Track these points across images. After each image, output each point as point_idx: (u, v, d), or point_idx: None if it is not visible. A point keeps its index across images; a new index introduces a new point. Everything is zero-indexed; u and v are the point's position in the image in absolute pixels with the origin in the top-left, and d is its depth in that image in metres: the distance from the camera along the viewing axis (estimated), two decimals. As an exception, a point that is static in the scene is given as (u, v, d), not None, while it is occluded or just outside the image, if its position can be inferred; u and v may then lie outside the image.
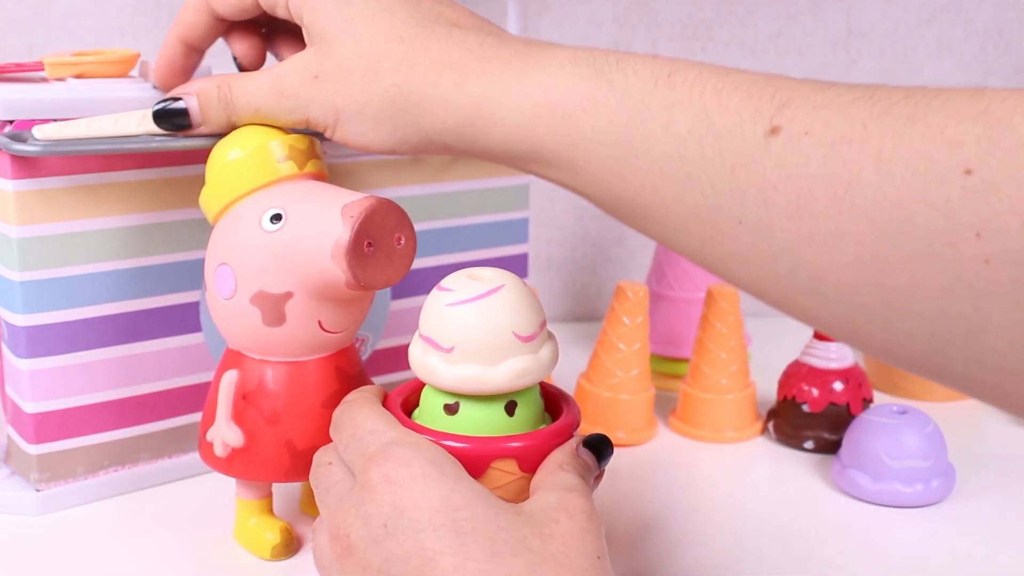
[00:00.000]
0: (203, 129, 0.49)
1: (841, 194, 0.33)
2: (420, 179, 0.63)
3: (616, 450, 0.63)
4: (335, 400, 0.48)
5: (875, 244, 0.32)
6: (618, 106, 0.39)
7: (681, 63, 0.39)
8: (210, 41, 0.51)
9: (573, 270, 0.93)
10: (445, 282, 0.42)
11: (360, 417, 0.42)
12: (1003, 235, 0.29)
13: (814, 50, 0.92)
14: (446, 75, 0.43)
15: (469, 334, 0.41)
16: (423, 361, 0.42)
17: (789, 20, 0.91)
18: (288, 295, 0.46)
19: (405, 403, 0.44)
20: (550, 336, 0.43)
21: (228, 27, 0.51)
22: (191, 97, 0.49)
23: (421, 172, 0.63)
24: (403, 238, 0.46)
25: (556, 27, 0.87)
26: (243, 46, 0.52)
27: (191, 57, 0.52)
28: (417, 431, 0.41)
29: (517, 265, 0.69)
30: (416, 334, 0.43)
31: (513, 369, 0.41)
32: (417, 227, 0.63)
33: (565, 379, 0.70)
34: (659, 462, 0.64)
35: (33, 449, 0.54)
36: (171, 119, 0.49)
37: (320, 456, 0.43)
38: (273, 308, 0.46)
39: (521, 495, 0.41)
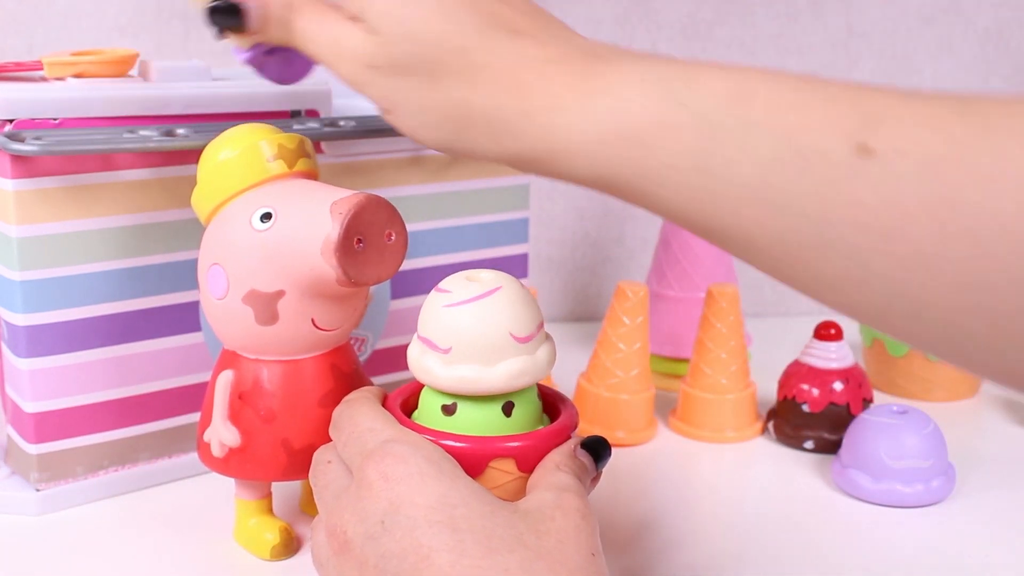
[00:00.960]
0: (258, 38, 0.46)
1: (942, 216, 0.31)
2: (420, 179, 0.63)
3: (616, 450, 0.64)
4: (331, 398, 0.48)
5: (981, 266, 0.31)
6: (693, 130, 0.36)
7: (753, 73, 0.37)
8: None
9: (573, 270, 0.93)
10: (443, 284, 0.42)
11: (359, 416, 0.42)
12: None
13: (814, 50, 0.92)
14: (511, 100, 0.40)
15: (466, 335, 0.41)
16: (421, 362, 0.42)
17: (789, 20, 0.91)
18: (280, 293, 0.46)
19: (405, 404, 0.44)
20: (547, 337, 0.43)
21: None
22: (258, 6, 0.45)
23: (421, 172, 0.63)
24: (393, 234, 0.45)
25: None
26: None
27: None
28: (416, 430, 0.41)
29: (517, 265, 0.69)
30: (415, 335, 0.43)
31: (510, 370, 0.41)
32: (417, 227, 0.64)
33: (565, 379, 0.70)
34: (659, 462, 0.64)
35: (33, 449, 0.54)
36: (226, 16, 0.46)
37: (319, 454, 0.43)
38: (265, 307, 0.46)
39: (519, 495, 0.41)
